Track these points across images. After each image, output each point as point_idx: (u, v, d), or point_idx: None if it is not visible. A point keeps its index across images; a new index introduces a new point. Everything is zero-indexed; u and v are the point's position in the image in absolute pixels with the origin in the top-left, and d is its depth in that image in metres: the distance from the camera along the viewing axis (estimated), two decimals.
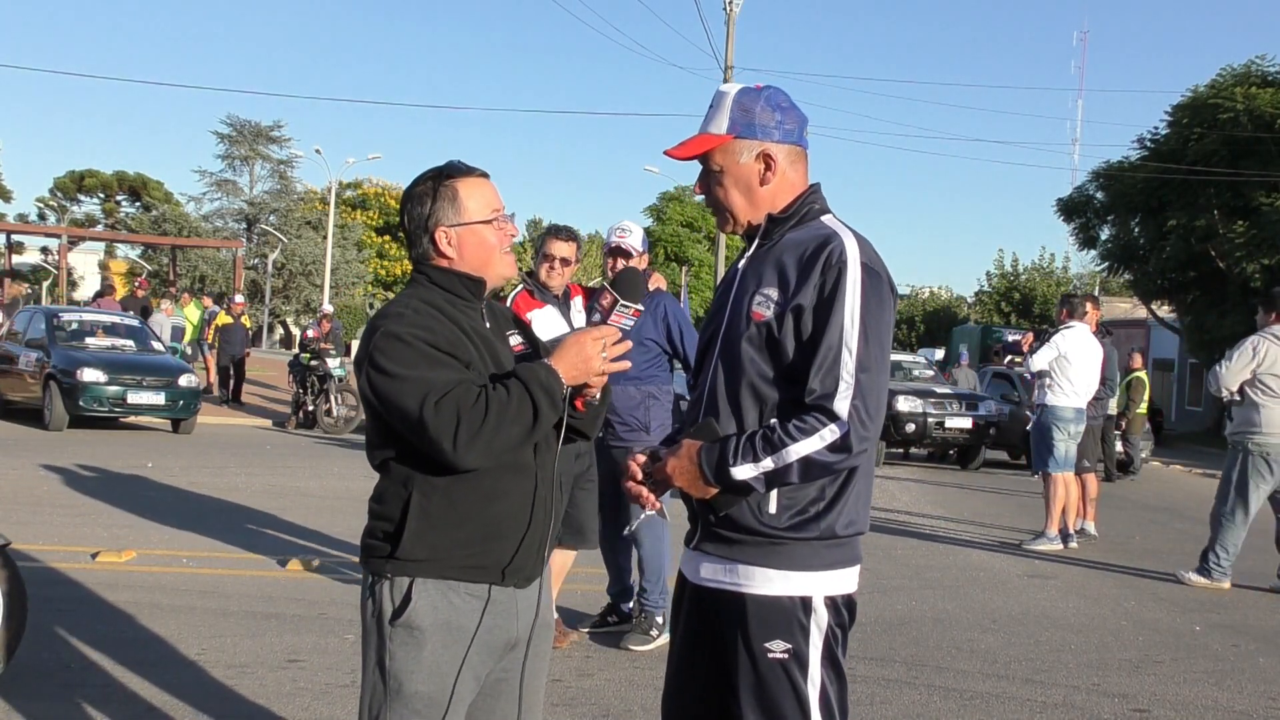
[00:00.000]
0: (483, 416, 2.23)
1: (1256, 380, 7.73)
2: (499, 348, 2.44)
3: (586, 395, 2.46)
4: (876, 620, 6.25)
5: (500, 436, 2.25)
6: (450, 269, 2.43)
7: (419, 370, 2.26)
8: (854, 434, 2.22)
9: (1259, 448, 7.66)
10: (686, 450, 2.33)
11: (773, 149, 2.41)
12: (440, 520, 2.32)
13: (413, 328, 2.30)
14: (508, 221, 2.48)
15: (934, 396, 16.82)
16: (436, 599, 2.33)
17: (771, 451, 2.23)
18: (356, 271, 52.57)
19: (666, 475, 2.36)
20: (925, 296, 57.35)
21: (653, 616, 5.48)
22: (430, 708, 2.33)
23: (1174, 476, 18.06)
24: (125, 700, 4.39)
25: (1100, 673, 5.50)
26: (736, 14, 28.02)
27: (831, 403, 2.23)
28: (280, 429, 17.71)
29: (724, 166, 2.42)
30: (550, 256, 5.30)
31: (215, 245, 46.59)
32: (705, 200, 2.53)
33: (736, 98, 2.42)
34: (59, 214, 61.82)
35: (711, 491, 2.30)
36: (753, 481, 2.25)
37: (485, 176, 2.48)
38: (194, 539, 7.78)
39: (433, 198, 2.42)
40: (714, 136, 2.42)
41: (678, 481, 2.33)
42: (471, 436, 2.22)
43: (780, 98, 2.44)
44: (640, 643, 5.43)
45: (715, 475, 2.27)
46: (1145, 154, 29.11)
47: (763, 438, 2.25)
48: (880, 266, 2.34)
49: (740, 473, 2.25)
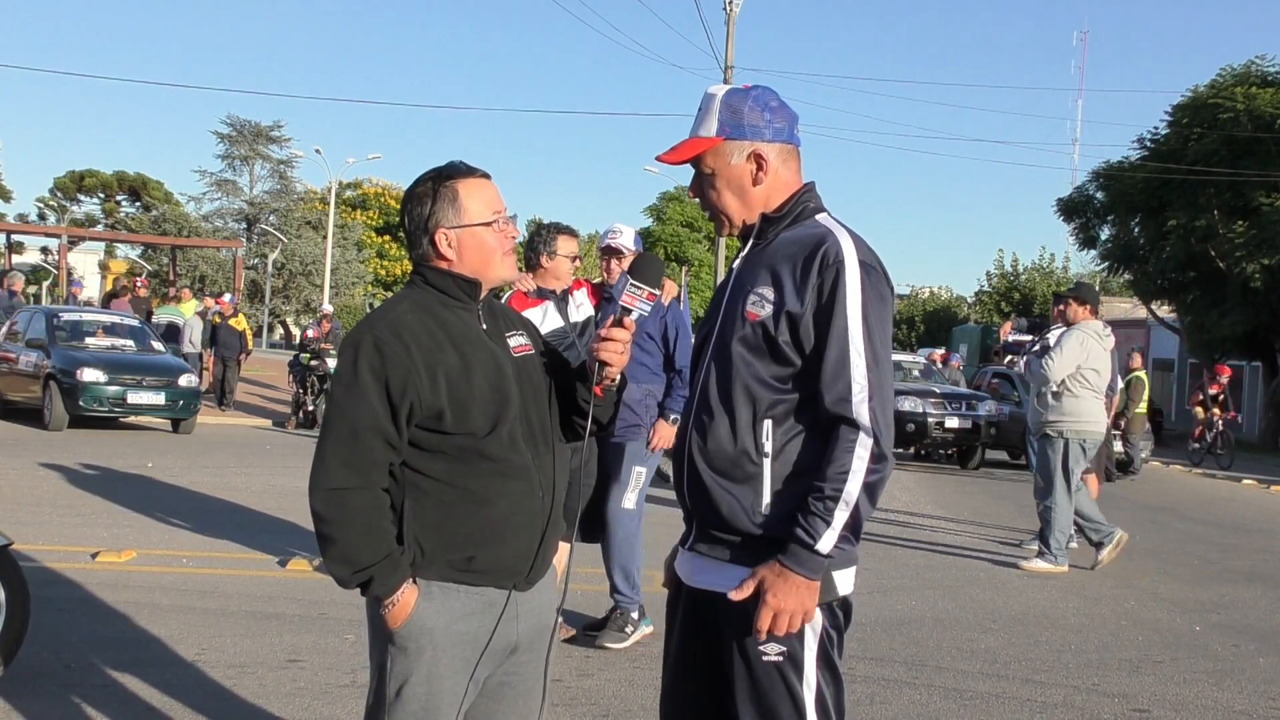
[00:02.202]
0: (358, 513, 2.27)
1: (1078, 374, 8.20)
2: (494, 351, 2.42)
3: (606, 380, 2.45)
4: (876, 620, 6.26)
5: (341, 532, 2.27)
6: (448, 271, 2.42)
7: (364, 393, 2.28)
8: (883, 439, 2.23)
9: (1078, 435, 8.17)
10: (776, 579, 2.23)
11: (763, 148, 2.39)
12: (435, 524, 2.32)
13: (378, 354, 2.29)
14: (509, 224, 2.47)
15: (934, 396, 16.84)
16: (436, 601, 2.32)
17: (834, 502, 2.21)
18: (356, 271, 52.57)
19: (783, 623, 2.24)
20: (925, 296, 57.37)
21: (627, 613, 5.50)
22: (430, 711, 2.33)
23: (1174, 476, 18.06)
24: (125, 700, 4.39)
25: (1100, 673, 5.50)
26: (736, 14, 28.00)
27: (850, 409, 2.23)
28: (280, 429, 17.71)
29: (715, 169, 2.41)
30: (557, 252, 5.37)
31: (215, 245, 46.58)
32: (700, 204, 2.52)
33: (724, 99, 2.40)
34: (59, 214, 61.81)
35: (819, 582, 2.24)
36: (841, 542, 2.22)
37: (487, 178, 2.47)
38: (194, 539, 7.78)
39: (433, 199, 2.41)
40: (704, 140, 2.40)
41: (795, 605, 2.22)
42: (318, 495, 2.29)
43: (768, 96, 2.42)
44: (616, 640, 5.44)
45: (814, 568, 2.22)
46: (1145, 154, 29.12)
47: (814, 497, 2.21)
48: (876, 262, 2.34)
49: (826, 544, 2.21)
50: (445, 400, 2.30)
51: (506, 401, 2.37)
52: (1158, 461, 19.64)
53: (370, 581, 2.27)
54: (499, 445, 2.34)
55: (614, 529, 5.53)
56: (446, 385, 2.31)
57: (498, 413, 2.35)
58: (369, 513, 2.27)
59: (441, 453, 2.32)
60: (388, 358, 2.29)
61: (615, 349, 2.40)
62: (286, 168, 54.39)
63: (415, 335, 2.33)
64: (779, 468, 2.29)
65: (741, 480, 2.30)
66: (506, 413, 2.36)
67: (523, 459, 2.37)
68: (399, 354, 2.29)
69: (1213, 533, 11.20)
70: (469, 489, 2.32)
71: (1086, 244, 31.99)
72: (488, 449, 2.33)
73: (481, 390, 2.34)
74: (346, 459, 2.27)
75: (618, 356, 2.41)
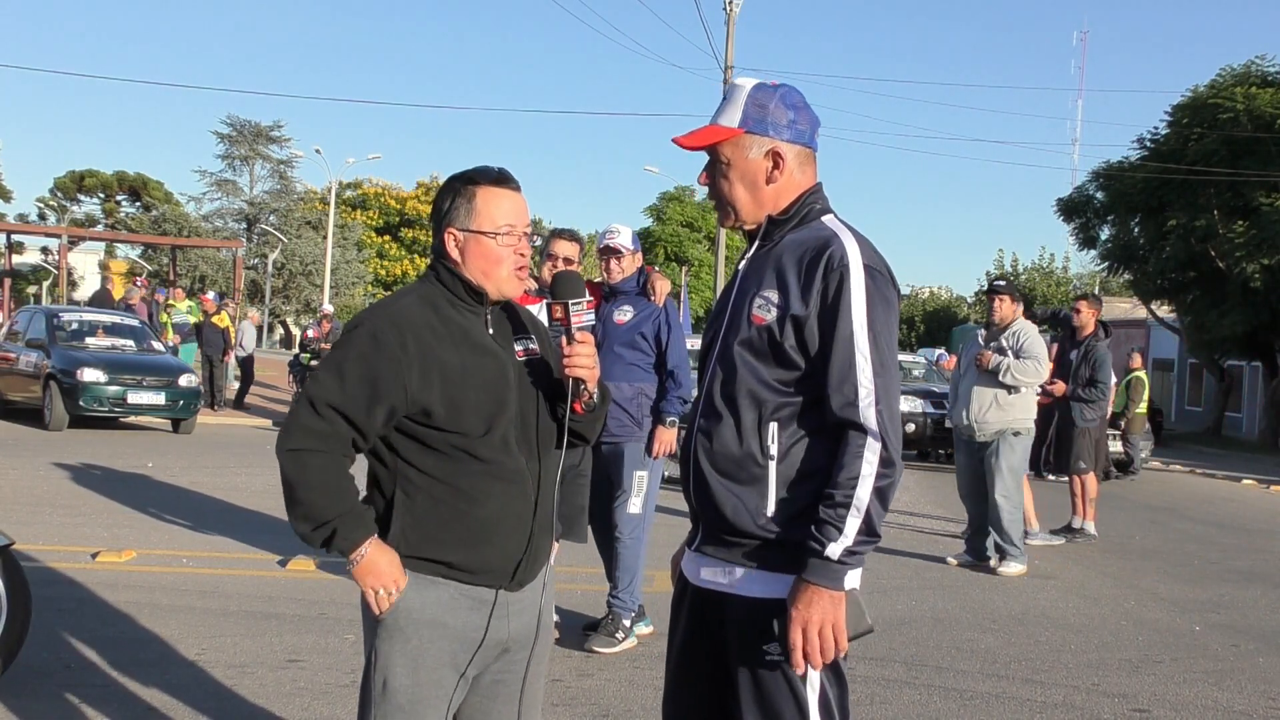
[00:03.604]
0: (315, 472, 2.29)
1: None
2: (497, 355, 2.41)
3: (584, 397, 2.46)
4: (876, 620, 6.23)
5: (302, 491, 2.30)
6: (458, 272, 2.43)
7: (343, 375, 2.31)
8: (891, 444, 2.22)
9: (1029, 432, 8.35)
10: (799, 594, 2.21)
11: (783, 148, 2.39)
12: (425, 519, 2.33)
13: (372, 342, 2.31)
14: (520, 240, 2.43)
15: (934, 396, 16.83)
16: (425, 594, 2.33)
17: (846, 509, 2.19)
18: (356, 271, 52.56)
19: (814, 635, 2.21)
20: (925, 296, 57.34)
21: (620, 619, 5.48)
22: (414, 703, 2.33)
23: (1174, 476, 18.05)
24: (125, 700, 4.39)
25: (1100, 673, 5.50)
26: (736, 14, 27.99)
27: (857, 414, 2.22)
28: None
29: (731, 160, 2.40)
30: (554, 255, 5.49)
31: (215, 245, 46.57)
32: (708, 192, 2.50)
33: (751, 92, 2.40)
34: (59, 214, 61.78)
35: (843, 592, 2.23)
36: (857, 546, 2.21)
37: (516, 189, 2.45)
38: (194, 539, 7.78)
39: (453, 197, 2.43)
40: (724, 128, 2.39)
41: (819, 616, 2.20)
42: (283, 451, 2.31)
43: (795, 97, 2.42)
44: (605, 645, 5.40)
45: (832, 577, 2.20)
46: (1145, 154, 29.10)
47: (826, 505, 2.21)
48: (882, 265, 2.33)
49: (837, 550, 2.19)
50: (437, 398, 2.30)
51: (503, 406, 2.37)
52: (1158, 461, 19.65)
53: (333, 535, 2.29)
54: (491, 448, 2.34)
55: (620, 534, 5.51)
56: (440, 383, 2.31)
57: (492, 416, 2.35)
58: (327, 472, 2.30)
59: (433, 449, 2.33)
60: (381, 347, 2.30)
61: (584, 363, 2.42)
62: (286, 168, 54.39)
63: (415, 329, 2.33)
64: (784, 470, 2.28)
65: (746, 482, 2.30)
66: (501, 417, 2.36)
67: (515, 463, 2.37)
68: (393, 345, 2.30)
69: (1213, 533, 11.19)
70: (459, 487, 2.33)
71: (1086, 244, 31.96)
72: (480, 450, 2.34)
73: (477, 393, 2.34)
74: (309, 427, 2.31)
75: (589, 370, 2.43)
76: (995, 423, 8.13)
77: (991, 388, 8.16)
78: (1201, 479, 17.92)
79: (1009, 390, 8.14)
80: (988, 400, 8.15)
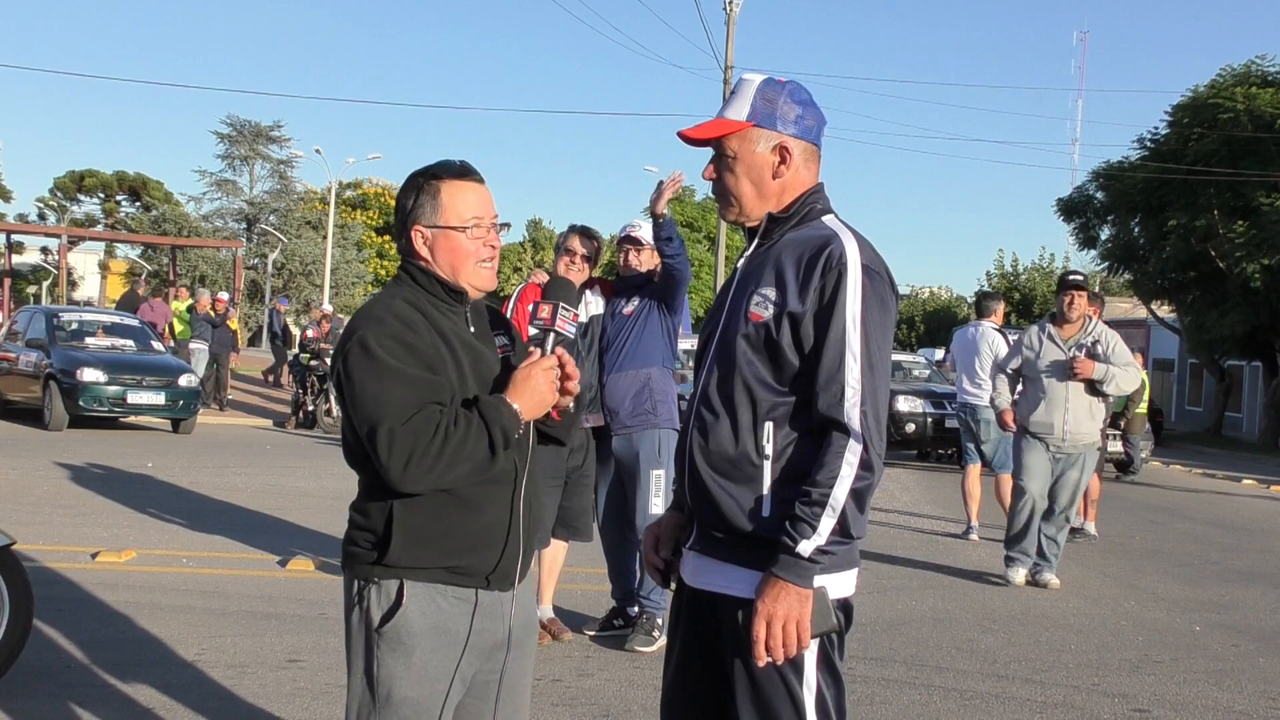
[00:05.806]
0: (438, 451, 2.19)
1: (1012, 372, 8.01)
2: (484, 353, 2.42)
3: (560, 406, 2.45)
4: (876, 620, 6.26)
5: (451, 473, 2.22)
6: (430, 270, 2.40)
7: (383, 386, 2.22)
8: (872, 446, 2.21)
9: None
10: (767, 587, 2.21)
11: (790, 143, 2.39)
12: (425, 531, 2.30)
13: (388, 339, 2.26)
14: (489, 232, 2.41)
15: (934, 396, 16.83)
16: (425, 603, 2.31)
17: (821, 508, 2.19)
18: (356, 271, 52.56)
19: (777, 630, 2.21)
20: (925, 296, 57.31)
21: (654, 618, 5.50)
22: (419, 714, 2.32)
23: (1174, 476, 18.05)
24: (125, 700, 4.39)
25: (1100, 673, 5.50)
26: (736, 14, 28.02)
27: (842, 413, 2.22)
28: (280, 429, 17.71)
29: (738, 153, 2.41)
30: (571, 251, 5.52)
31: (215, 245, 46.57)
32: (713, 185, 2.50)
33: (760, 87, 2.40)
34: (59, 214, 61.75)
35: (810, 590, 2.22)
36: (829, 546, 2.20)
37: (479, 181, 2.42)
38: (194, 539, 7.78)
39: (416, 194, 2.40)
40: (733, 122, 2.40)
41: (785, 612, 2.20)
42: (423, 470, 2.20)
43: (802, 94, 2.43)
44: (644, 644, 5.45)
45: (801, 574, 2.20)
46: (1145, 154, 29.13)
47: (802, 502, 2.20)
48: (881, 267, 2.33)
49: (808, 548, 2.19)
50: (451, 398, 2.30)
51: None
52: (1158, 461, 19.64)
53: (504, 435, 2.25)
54: None
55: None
56: (457, 382, 2.32)
57: None
58: (449, 438, 2.21)
59: None
60: (400, 339, 2.27)
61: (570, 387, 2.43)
62: (286, 168, 54.43)
63: (416, 327, 2.32)
64: (779, 470, 2.28)
65: (741, 481, 2.30)
66: None
67: (508, 462, 2.36)
68: (408, 337, 2.28)
69: (1213, 533, 11.19)
70: (459, 494, 2.31)
71: (1086, 244, 31.99)
72: None
73: (473, 393, 2.33)
74: (405, 445, 2.19)
75: (570, 381, 2.43)
76: (1088, 434, 7.60)
77: (1089, 395, 7.55)
78: (1201, 479, 17.92)
79: (1101, 399, 7.64)
80: (1084, 409, 7.55)
